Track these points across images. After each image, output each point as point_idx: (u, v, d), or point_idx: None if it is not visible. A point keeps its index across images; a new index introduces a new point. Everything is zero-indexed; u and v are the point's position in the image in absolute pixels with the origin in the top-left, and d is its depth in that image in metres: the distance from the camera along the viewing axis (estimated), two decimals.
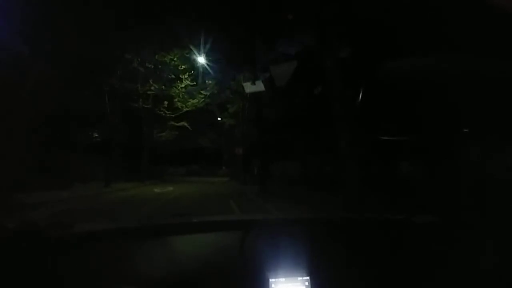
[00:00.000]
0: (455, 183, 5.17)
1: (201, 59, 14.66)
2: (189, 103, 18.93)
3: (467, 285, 1.09)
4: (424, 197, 5.85)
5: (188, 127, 20.47)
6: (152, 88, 17.00)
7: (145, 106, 18.05)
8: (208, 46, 12.95)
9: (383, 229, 1.42)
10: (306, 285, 1.03)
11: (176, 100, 18.37)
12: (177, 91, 17.99)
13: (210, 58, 14.69)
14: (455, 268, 1.11)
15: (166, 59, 15.85)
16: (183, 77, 17.43)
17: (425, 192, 6.14)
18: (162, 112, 18.50)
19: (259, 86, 8.38)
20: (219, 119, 25.56)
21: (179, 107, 18.79)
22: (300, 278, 1.03)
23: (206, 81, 19.15)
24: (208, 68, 16.01)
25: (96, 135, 17.84)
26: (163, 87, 17.38)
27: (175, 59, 16.14)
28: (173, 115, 19.07)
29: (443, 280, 1.08)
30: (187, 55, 15.74)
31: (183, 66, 16.87)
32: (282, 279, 1.02)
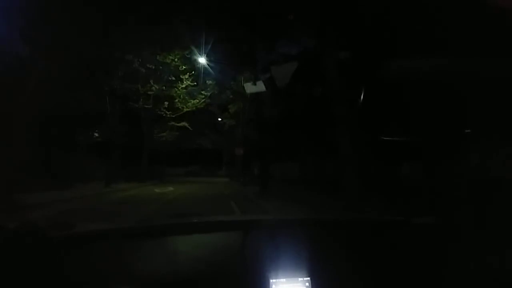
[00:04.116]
0: (455, 184, 5.17)
1: (202, 60, 14.65)
2: (190, 103, 18.93)
3: (467, 285, 1.08)
4: (425, 198, 5.85)
5: (189, 127, 20.47)
6: (153, 88, 17.01)
7: (146, 106, 18.06)
8: (209, 46, 12.96)
9: (383, 230, 1.42)
10: (306, 286, 1.02)
11: (176, 100, 18.37)
12: (177, 92, 18.00)
13: (210, 58, 14.69)
14: (455, 268, 1.11)
15: (166, 59, 15.86)
16: (183, 77, 17.43)
17: (426, 193, 6.14)
18: (162, 113, 18.51)
19: (260, 87, 8.38)
20: (219, 119, 25.57)
21: (180, 107, 18.79)
22: (300, 279, 1.03)
23: (207, 82, 19.16)
24: (209, 69, 16.01)
25: (97, 135, 17.85)
26: (164, 87, 17.38)
27: (176, 59, 16.15)
28: (173, 116, 19.06)
29: (443, 280, 1.08)
30: (188, 56, 15.75)
31: (183, 67, 16.88)
32: (283, 280, 1.02)
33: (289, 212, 7.26)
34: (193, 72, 17.46)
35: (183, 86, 17.83)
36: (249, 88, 9.28)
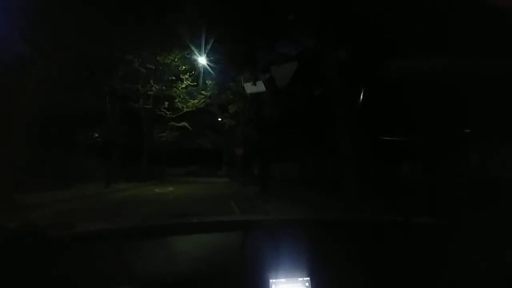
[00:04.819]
0: (455, 184, 5.17)
1: (202, 60, 14.64)
2: (190, 103, 18.94)
3: (467, 285, 1.08)
4: (425, 198, 5.85)
5: (189, 127, 20.47)
6: (153, 88, 17.01)
7: (146, 106, 18.06)
8: (208, 46, 12.96)
9: (383, 230, 1.42)
10: (306, 286, 1.02)
11: (176, 100, 18.38)
12: (177, 92, 18.00)
13: (210, 58, 14.68)
14: (455, 268, 1.11)
15: (167, 59, 15.86)
16: (183, 77, 17.44)
17: (426, 193, 6.14)
18: (162, 113, 18.51)
19: (260, 87, 8.37)
20: (219, 119, 25.57)
21: (180, 107, 18.80)
22: (300, 279, 1.03)
23: (207, 82, 19.16)
24: (209, 69, 15.99)
25: (97, 135, 17.85)
26: (164, 87, 17.39)
27: (176, 59, 16.16)
28: (173, 116, 19.07)
29: (443, 280, 1.08)
30: (188, 56, 15.75)
31: (183, 67, 16.88)
32: (283, 280, 1.02)
33: (289, 212, 7.26)
34: (193, 72, 17.46)
35: (183, 86, 17.83)
36: (249, 88, 9.29)
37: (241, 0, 8.59)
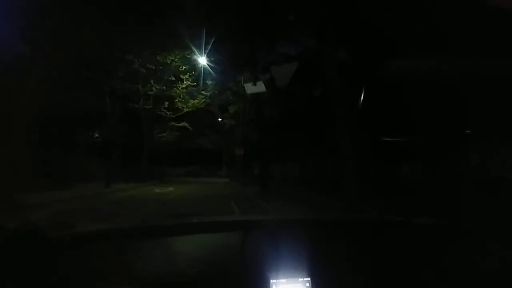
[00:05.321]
0: (455, 184, 5.17)
1: (202, 60, 14.66)
2: (190, 103, 18.93)
3: (467, 285, 1.08)
4: (425, 198, 5.85)
5: (189, 127, 20.47)
6: (153, 88, 17.01)
7: (146, 106, 18.06)
8: (209, 47, 12.96)
9: (383, 230, 1.42)
10: (307, 286, 1.02)
11: (176, 100, 18.37)
12: (178, 92, 18.00)
13: (211, 58, 14.69)
14: (455, 268, 1.11)
15: (167, 59, 15.86)
16: (184, 77, 17.44)
17: (426, 193, 6.14)
18: (162, 113, 18.51)
19: (260, 87, 8.39)
20: (219, 119, 25.57)
21: (180, 107, 18.79)
22: (301, 279, 1.03)
23: (207, 82, 19.15)
24: (209, 69, 16.01)
25: (97, 135, 17.84)
26: (164, 87, 17.38)
27: (176, 59, 16.16)
28: (173, 116, 19.07)
29: (443, 280, 1.08)
30: (188, 56, 15.75)
31: (184, 67, 16.88)
32: (283, 280, 1.02)
33: (289, 212, 7.26)
34: (193, 72, 17.45)
35: (183, 86, 17.83)
36: (249, 88, 9.31)
37: (241, 0, 8.60)
